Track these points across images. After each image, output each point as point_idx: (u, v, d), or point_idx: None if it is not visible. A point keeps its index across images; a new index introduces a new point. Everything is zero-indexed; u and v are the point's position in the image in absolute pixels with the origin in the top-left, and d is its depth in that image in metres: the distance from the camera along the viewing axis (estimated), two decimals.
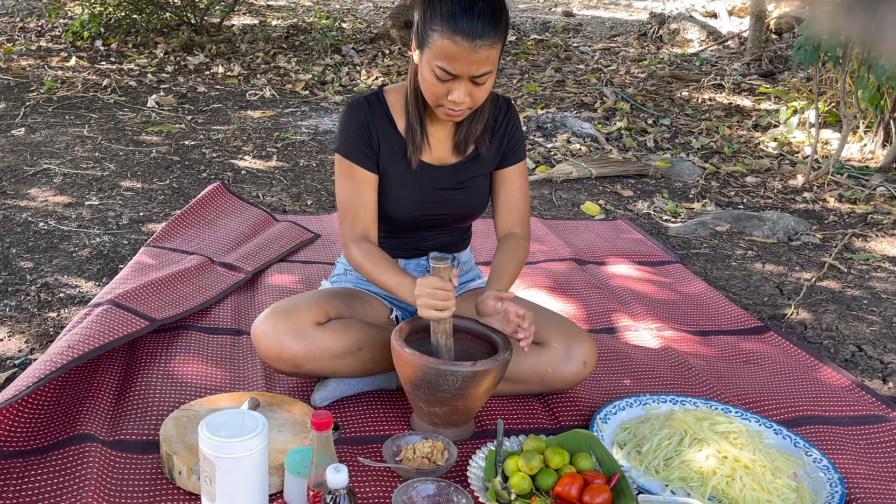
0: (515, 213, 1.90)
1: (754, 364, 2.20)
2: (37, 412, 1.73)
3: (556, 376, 1.84)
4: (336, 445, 1.66)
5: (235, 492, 1.38)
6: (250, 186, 3.57)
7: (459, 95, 1.64)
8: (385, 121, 1.80)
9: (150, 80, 5.60)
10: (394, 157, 1.81)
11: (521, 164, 1.91)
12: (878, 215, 3.60)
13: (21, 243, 2.78)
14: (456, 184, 1.85)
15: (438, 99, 1.67)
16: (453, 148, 1.84)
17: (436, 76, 1.63)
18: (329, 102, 5.36)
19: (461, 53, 1.58)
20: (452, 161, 1.85)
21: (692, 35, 8.12)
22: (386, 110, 1.81)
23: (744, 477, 1.59)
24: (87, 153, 3.88)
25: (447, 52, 1.59)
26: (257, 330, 1.75)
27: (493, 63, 1.62)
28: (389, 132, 1.81)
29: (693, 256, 3.07)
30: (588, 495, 1.49)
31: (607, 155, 4.37)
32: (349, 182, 1.80)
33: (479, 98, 1.68)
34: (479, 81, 1.64)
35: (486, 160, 1.88)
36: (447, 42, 1.58)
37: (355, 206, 1.80)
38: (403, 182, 1.82)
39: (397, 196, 1.83)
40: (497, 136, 1.88)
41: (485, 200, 1.92)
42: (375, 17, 9.47)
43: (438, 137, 1.83)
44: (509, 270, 1.81)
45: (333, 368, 1.78)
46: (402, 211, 1.84)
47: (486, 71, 1.62)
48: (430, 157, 1.83)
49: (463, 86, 1.63)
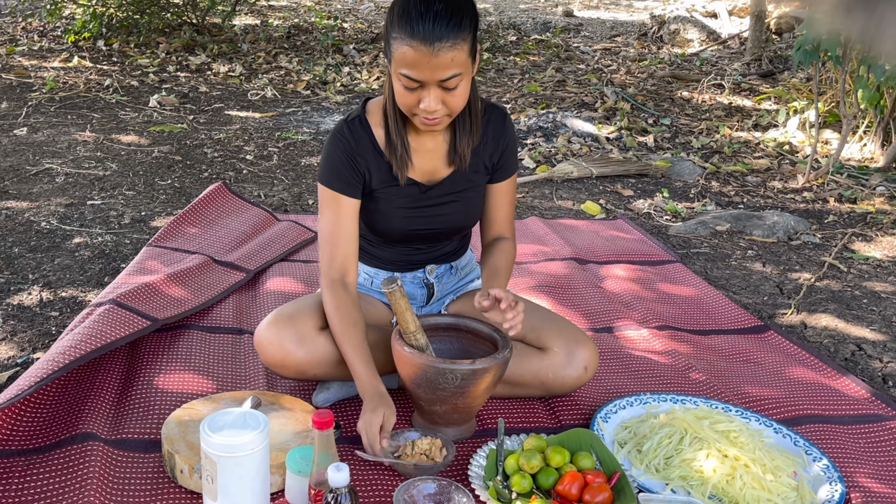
0: (505, 222, 1.90)
1: (754, 363, 2.21)
2: (39, 411, 1.74)
3: (557, 381, 1.83)
4: (337, 444, 1.67)
5: (237, 490, 1.39)
6: (252, 186, 3.57)
7: (430, 103, 1.58)
8: (368, 144, 1.75)
9: (151, 79, 5.61)
10: (381, 177, 1.77)
11: (513, 177, 1.89)
12: (878, 215, 3.61)
13: (23, 243, 2.78)
14: (446, 198, 1.81)
15: (411, 108, 1.62)
16: (447, 160, 1.80)
17: (403, 85, 1.58)
18: (330, 102, 5.37)
19: (421, 59, 1.52)
20: (443, 175, 1.81)
21: (692, 35, 8.12)
22: (369, 132, 1.76)
23: (744, 476, 1.60)
24: (88, 153, 3.88)
25: (408, 59, 1.53)
26: (261, 337, 1.75)
27: (459, 65, 1.55)
28: (375, 154, 1.76)
29: (693, 256, 3.07)
30: (588, 494, 1.50)
31: (608, 155, 4.37)
32: (331, 212, 1.76)
33: (455, 104, 1.61)
34: (449, 86, 1.57)
35: (477, 174, 1.84)
36: (406, 48, 1.53)
37: (337, 235, 1.75)
38: (392, 199, 1.78)
39: (387, 213, 1.79)
40: (488, 151, 1.82)
41: (477, 213, 1.89)
42: (377, 17, 9.47)
43: (425, 149, 1.78)
44: (503, 269, 1.80)
45: (337, 374, 1.78)
46: (393, 227, 1.81)
47: (453, 74, 1.55)
48: (417, 172, 1.78)
49: (432, 92, 1.57)
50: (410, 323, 1.67)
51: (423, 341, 1.71)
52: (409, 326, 1.68)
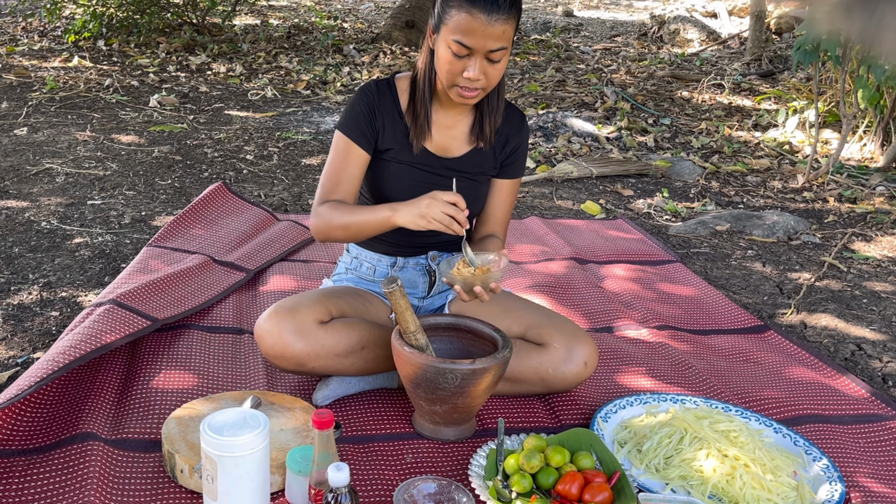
0: (501, 222, 1.98)
1: (754, 363, 2.21)
2: (39, 411, 1.74)
3: (557, 377, 1.84)
4: (337, 444, 1.67)
5: (237, 490, 1.39)
6: (252, 186, 3.58)
7: (474, 72, 1.68)
8: (391, 105, 1.85)
9: (151, 79, 5.61)
10: (396, 140, 1.85)
11: (517, 179, 1.98)
12: (877, 215, 3.61)
13: (23, 242, 2.78)
14: (457, 174, 1.88)
15: (454, 78, 1.71)
16: (468, 138, 1.88)
17: (452, 52, 1.68)
18: (330, 102, 5.37)
19: (478, 27, 1.63)
20: (459, 153, 1.88)
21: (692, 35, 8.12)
22: (394, 95, 1.86)
23: (744, 475, 1.60)
24: (89, 153, 3.88)
25: (464, 27, 1.64)
26: (261, 328, 1.76)
27: (507, 40, 1.67)
28: (394, 116, 1.85)
29: (693, 256, 3.07)
30: (588, 494, 1.50)
31: (608, 154, 4.37)
32: (342, 157, 1.84)
33: (494, 77, 1.72)
34: (494, 58, 1.68)
35: (489, 160, 1.91)
36: (465, 16, 1.63)
37: (341, 177, 1.84)
38: (403, 164, 1.86)
39: (396, 178, 1.86)
40: (504, 143, 1.92)
41: (480, 201, 1.94)
42: (377, 17, 9.48)
43: (444, 125, 1.87)
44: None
45: (336, 367, 1.79)
46: (400, 195, 1.85)
47: (501, 46, 1.67)
48: (433, 145, 1.87)
49: (478, 62, 1.68)
50: (410, 323, 1.67)
51: (423, 341, 1.71)
52: (409, 326, 1.68)
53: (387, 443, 1.74)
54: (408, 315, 1.67)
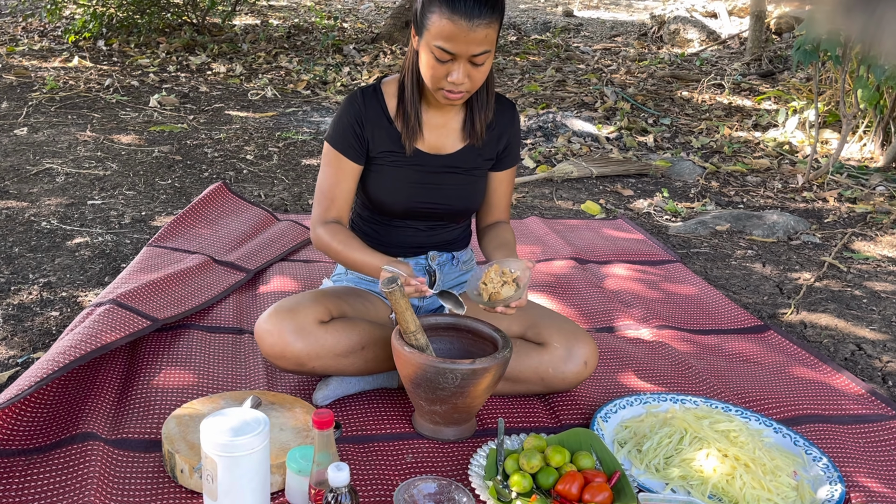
0: (505, 210, 2.01)
1: (754, 363, 2.21)
2: (39, 411, 1.74)
3: (557, 376, 1.85)
4: (337, 444, 1.67)
5: (237, 490, 1.39)
6: (252, 186, 3.58)
7: (458, 76, 1.68)
8: (379, 112, 1.84)
9: (151, 79, 5.61)
10: (388, 146, 1.85)
11: (514, 168, 1.99)
12: (877, 215, 3.61)
13: (23, 242, 2.78)
14: (452, 171, 1.88)
15: (438, 81, 1.71)
16: (461, 135, 1.88)
17: (435, 57, 1.67)
18: (330, 102, 5.37)
19: (460, 33, 1.62)
20: (452, 150, 1.88)
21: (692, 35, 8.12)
22: (381, 101, 1.85)
23: (744, 475, 1.60)
24: (89, 153, 3.88)
25: (446, 33, 1.63)
26: (261, 328, 1.76)
27: (490, 43, 1.67)
28: (383, 122, 1.84)
29: (693, 256, 3.07)
30: (588, 494, 1.50)
31: (608, 154, 4.37)
32: (333, 171, 1.85)
33: (478, 80, 1.72)
34: (478, 62, 1.68)
35: (483, 155, 1.91)
36: (446, 22, 1.62)
37: (334, 193, 1.85)
38: (398, 168, 1.86)
39: (391, 181, 1.86)
40: (496, 137, 1.91)
41: (479, 196, 1.95)
42: (377, 17, 9.48)
43: (435, 124, 1.86)
44: (511, 242, 1.88)
45: (336, 367, 1.79)
46: (397, 197, 1.86)
47: (484, 50, 1.66)
48: (425, 145, 1.87)
49: (462, 66, 1.67)
50: (410, 323, 1.68)
51: (423, 341, 1.71)
52: (410, 326, 1.68)
53: (387, 443, 1.74)
54: (408, 315, 1.67)
